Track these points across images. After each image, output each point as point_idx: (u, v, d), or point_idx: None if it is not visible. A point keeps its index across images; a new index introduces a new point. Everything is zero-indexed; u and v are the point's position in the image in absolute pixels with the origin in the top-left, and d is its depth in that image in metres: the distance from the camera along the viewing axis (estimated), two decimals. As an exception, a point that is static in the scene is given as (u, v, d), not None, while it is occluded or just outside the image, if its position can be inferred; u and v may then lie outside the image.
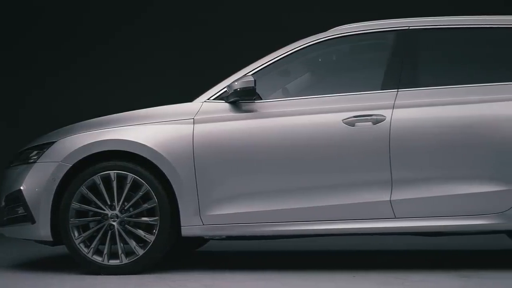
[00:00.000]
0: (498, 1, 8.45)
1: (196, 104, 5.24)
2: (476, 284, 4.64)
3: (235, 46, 8.83)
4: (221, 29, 9.01)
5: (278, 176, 5.03)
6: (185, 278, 5.01)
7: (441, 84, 5.11)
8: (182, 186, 5.07)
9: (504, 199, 4.89)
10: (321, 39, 5.31)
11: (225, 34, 8.98)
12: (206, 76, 6.27)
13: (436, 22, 5.29)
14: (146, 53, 9.07)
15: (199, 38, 9.02)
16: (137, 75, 9.02)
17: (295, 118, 5.09)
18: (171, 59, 9.04)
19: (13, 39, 9.19)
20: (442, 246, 6.27)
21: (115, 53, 9.08)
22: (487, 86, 5.05)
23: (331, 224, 5.01)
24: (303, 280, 4.85)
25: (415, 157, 4.95)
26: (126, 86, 8.99)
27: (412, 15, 5.64)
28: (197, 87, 5.59)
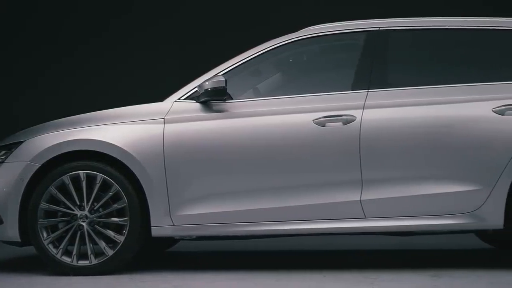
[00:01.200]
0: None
1: (167, 104, 5.22)
2: (445, 283, 4.67)
3: (212, 45, 8.81)
4: (197, 28, 8.99)
5: (249, 176, 5.03)
6: (156, 279, 4.99)
7: (411, 84, 5.14)
8: (152, 186, 5.04)
9: (473, 199, 4.93)
10: (293, 39, 5.32)
11: (201, 33, 8.96)
12: (180, 76, 6.25)
13: (406, 23, 5.32)
14: (127, 53, 9.02)
15: (176, 37, 8.99)
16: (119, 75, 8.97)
17: (265, 118, 5.09)
18: (150, 59, 9.00)
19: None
20: (412, 246, 6.31)
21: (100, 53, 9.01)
22: (456, 87, 5.10)
23: (302, 224, 5.02)
24: (274, 280, 4.86)
25: (385, 157, 4.98)
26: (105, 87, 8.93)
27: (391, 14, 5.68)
28: (172, 86, 5.57)
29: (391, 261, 5.76)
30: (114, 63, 8.96)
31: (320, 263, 5.62)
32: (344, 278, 4.88)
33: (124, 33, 9.04)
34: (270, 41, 5.34)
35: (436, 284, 4.65)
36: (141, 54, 8.98)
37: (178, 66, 8.79)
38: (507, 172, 4.91)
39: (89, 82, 8.98)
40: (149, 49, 8.97)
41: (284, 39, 5.32)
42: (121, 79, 8.94)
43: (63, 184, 5.11)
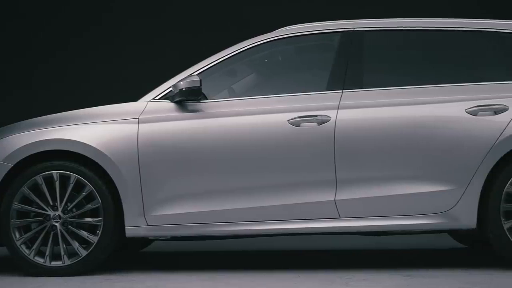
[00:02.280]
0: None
1: (141, 103, 5.20)
2: (419, 282, 4.70)
3: (188, 45, 8.79)
4: (172, 29, 8.96)
5: (224, 176, 5.02)
6: (130, 279, 4.96)
7: (386, 85, 5.17)
8: (126, 186, 5.02)
9: (446, 199, 4.97)
10: (268, 39, 5.32)
11: (176, 33, 8.94)
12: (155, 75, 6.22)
13: (381, 24, 5.35)
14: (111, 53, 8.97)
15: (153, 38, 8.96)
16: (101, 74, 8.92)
17: (240, 118, 5.09)
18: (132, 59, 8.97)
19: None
20: (386, 246, 6.34)
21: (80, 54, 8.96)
22: (430, 87, 5.13)
23: (276, 224, 5.03)
24: (249, 281, 4.85)
25: (360, 157, 5.00)
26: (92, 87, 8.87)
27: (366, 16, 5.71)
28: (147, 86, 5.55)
29: (365, 260, 5.79)
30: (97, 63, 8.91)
31: (294, 263, 5.62)
32: (319, 278, 4.89)
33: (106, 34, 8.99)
34: (245, 41, 5.34)
35: (409, 283, 4.67)
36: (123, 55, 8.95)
37: (155, 67, 8.76)
38: (480, 172, 4.96)
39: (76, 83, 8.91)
40: (129, 49, 8.94)
41: (259, 39, 5.32)
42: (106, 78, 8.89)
43: (36, 184, 5.07)
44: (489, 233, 5.01)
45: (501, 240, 4.97)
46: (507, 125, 4.97)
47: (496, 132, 4.97)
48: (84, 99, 7.61)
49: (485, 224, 5.00)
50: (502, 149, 4.96)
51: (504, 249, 4.98)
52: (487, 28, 5.24)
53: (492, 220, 4.96)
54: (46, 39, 8.97)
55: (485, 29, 5.25)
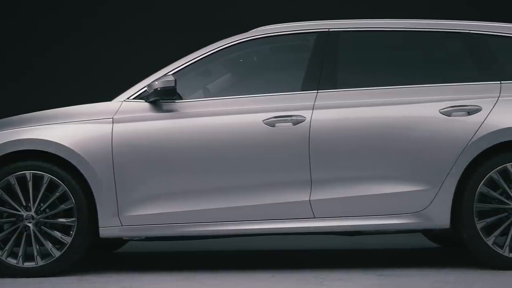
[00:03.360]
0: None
1: (115, 103, 5.18)
2: (393, 282, 4.72)
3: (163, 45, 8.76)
4: (147, 29, 8.92)
5: (198, 176, 5.01)
6: (103, 280, 4.94)
7: (360, 85, 5.19)
8: (100, 186, 4.99)
9: (420, 199, 5.00)
10: (243, 39, 5.32)
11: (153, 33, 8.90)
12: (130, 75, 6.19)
13: (356, 24, 5.36)
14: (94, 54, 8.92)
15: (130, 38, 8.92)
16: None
17: (215, 118, 5.08)
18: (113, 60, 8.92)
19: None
20: (360, 245, 6.37)
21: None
22: (405, 88, 5.16)
23: (251, 224, 5.03)
24: (224, 281, 4.85)
25: (334, 157, 5.01)
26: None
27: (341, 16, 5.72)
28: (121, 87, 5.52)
29: (340, 260, 5.81)
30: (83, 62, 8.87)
31: (269, 263, 5.63)
32: (294, 277, 4.90)
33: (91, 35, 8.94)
34: (220, 41, 5.33)
35: (383, 283, 4.69)
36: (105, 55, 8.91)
37: (130, 67, 8.71)
38: (453, 172, 4.99)
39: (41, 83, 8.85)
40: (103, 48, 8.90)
41: (234, 39, 5.32)
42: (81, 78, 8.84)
43: (8, 185, 5.03)
44: (463, 233, 5.04)
45: (474, 239, 5.00)
46: (480, 125, 5.01)
47: (470, 133, 5.01)
48: (48, 99, 7.55)
49: (459, 224, 5.03)
50: (475, 149, 5.00)
51: (477, 249, 5.02)
52: (460, 29, 5.28)
53: (466, 220, 4.99)
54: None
55: (458, 30, 5.28)
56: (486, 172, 4.99)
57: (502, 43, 5.26)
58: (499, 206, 5.00)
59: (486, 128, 5.00)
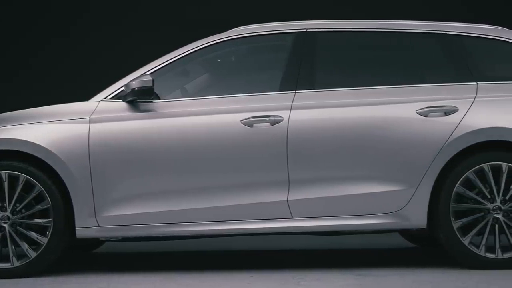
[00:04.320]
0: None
1: (93, 103, 5.15)
2: (370, 282, 4.74)
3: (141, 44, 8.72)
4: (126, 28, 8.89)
5: (176, 176, 5.00)
6: (80, 281, 4.91)
7: (338, 86, 5.20)
8: (77, 186, 4.96)
9: (397, 199, 5.02)
10: (221, 39, 5.31)
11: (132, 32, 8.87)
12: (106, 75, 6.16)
13: (334, 25, 5.37)
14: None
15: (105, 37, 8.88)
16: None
17: (193, 118, 5.07)
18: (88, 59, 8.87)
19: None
20: (338, 245, 6.38)
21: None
22: (382, 88, 5.17)
23: (229, 225, 5.02)
24: (201, 281, 4.84)
25: (312, 158, 5.02)
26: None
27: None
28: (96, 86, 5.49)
29: (318, 260, 5.82)
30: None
31: (247, 263, 5.62)
32: (271, 278, 4.90)
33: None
34: (198, 41, 5.32)
35: (361, 283, 4.71)
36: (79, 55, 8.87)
37: (110, 67, 8.67)
38: (430, 172, 5.02)
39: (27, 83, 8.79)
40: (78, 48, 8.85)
41: (212, 39, 5.31)
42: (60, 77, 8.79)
43: (-16, 185, 4.99)
44: (439, 233, 5.07)
45: (451, 239, 5.03)
46: (456, 126, 5.04)
47: (446, 133, 5.04)
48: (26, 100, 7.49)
49: (435, 223, 5.06)
50: (452, 150, 5.03)
51: (453, 248, 5.05)
52: (437, 30, 5.31)
53: (442, 220, 5.02)
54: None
55: (435, 31, 5.31)
56: (462, 172, 5.02)
57: (479, 44, 5.30)
58: (475, 206, 5.04)
59: (463, 128, 5.03)
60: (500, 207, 5.01)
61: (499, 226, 5.01)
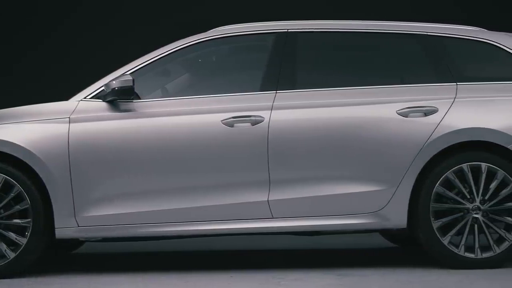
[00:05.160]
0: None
1: (72, 103, 5.12)
2: (351, 281, 4.75)
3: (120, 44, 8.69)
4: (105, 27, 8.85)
5: (156, 176, 4.98)
6: (60, 281, 4.89)
7: (319, 86, 5.21)
8: (56, 187, 4.94)
9: (377, 199, 5.03)
10: (201, 39, 5.31)
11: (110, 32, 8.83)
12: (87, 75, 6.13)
13: (314, 25, 5.39)
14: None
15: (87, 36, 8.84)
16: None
17: (174, 118, 5.06)
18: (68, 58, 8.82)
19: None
20: (318, 245, 6.39)
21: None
22: (363, 89, 5.19)
23: (210, 225, 5.01)
24: (182, 281, 4.83)
25: (293, 158, 5.02)
26: None
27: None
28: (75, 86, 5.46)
29: (298, 260, 5.82)
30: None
31: (227, 264, 5.62)
32: (252, 278, 4.90)
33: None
34: (178, 41, 5.31)
35: (341, 283, 4.72)
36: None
37: (90, 66, 8.63)
38: (410, 172, 5.03)
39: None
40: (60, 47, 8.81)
41: (193, 39, 5.30)
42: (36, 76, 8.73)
43: (-38, 185, 4.95)
44: (419, 233, 5.09)
45: (431, 239, 5.05)
46: (436, 126, 5.07)
47: (426, 133, 5.06)
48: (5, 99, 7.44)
49: (415, 223, 5.08)
50: (432, 150, 5.05)
51: (433, 248, 5.07)
52: (417, 31, 5.33)
53: (422, 219, 5.04)
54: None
55: (415, 31, 5.33)
56: (442, 173, 5.04)
57: (458, 44, 5.32)
58: (454, 206, 5.06)
59: (442, 129, 5.05)
60: (480, 207, 5.04)
61: (478, 226, 5.04)
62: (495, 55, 5.29)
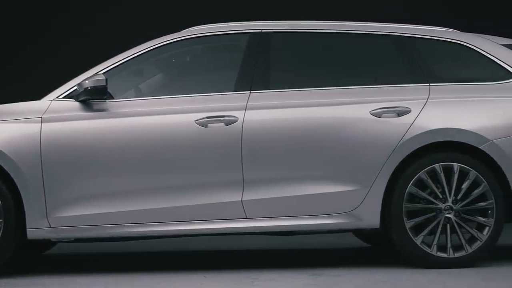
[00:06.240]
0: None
1: (45, 102, 5.08)
2: (324, 281, 4.76)
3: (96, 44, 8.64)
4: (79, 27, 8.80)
5: (129, 177, 4.96)
6: (31, 283, 4.85)
7: (293, 86, 5.21)
8: (28, 187, 4.89)
9: (351, 199, 5.05)
10: (175, 39, 5.29)
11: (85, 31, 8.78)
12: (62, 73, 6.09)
13: (288, 25, 5.39)
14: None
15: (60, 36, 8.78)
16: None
17: (147, 118, 5.04)
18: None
19: None
20: (292, 245, 6.40)
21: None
22: (337, 89, 5.21)
23: (183, 225, 5.00)
24: (155, 282, 4.81)
25: (266, 158, 5.02)
26: None
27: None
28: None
29: (272, 260, 5.83)
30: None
31: (201, 264, 5.61)
32: (226, 278, 4.89)
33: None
34: (152, 40, 5.29)
35: (315, 282, 4.73)
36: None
37: (62, 66, 8.58)
38: (383, 173, 5.06)
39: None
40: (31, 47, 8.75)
41: (166, 39, 5.29)
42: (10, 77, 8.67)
43: None
44: (392, 233, 5.12)
45: (403, 239, 5.08)
46: (409, 127, 5.10)
47: (399, 134, 5.09)
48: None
49: (388, 223, 5.11)
50: (404, 150, 5.08)
51: (406, 248, 5.10)
52: (390, 32, 5.36)
53: (395, 219, 5.07)
54: None
55: (388, 32, 5.36)
56: (415, 173, 5.07)
57: (431, 45, 5.36)
58: (427, 206, 5.10)
59: (415, 129, 5.08)
60: (452, 207, 5.08)
61: (451, 226, 5.08)
62: (467, 56, 5.34)
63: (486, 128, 5.08)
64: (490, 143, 5.07)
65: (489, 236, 5.07)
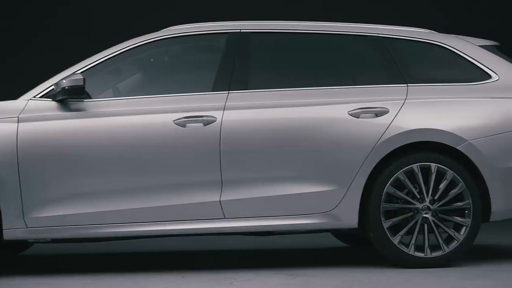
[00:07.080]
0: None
1: (21, 102, 5.04)
2: (302, 281, 4.77)
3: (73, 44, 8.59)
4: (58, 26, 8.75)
5: (107, 177, 4.93)
6: (8, 284, 4.80)
7: (271, 87, 5.22)
8: (4, 187, 4.85)
9: (329, 199, 5.06)
10: (153, 39, 5.27)
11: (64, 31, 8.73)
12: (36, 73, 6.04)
13: (267, 26, 5.40)
14: None
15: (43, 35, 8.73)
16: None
17: (125, 118, 5.02)
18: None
19: None
20: (270, 245, 6.41)
21: None
22: (315, 90, 5.22)
23: (161, 225, 4.98)
24: (133, 282, 4.79)
25: (245, 158, 5.02)
26: None
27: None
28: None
29: (250, 260, 5.83)
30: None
31: (179, 264, 5.59)
32: (203, 278, 4.89)
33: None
34: (130, 40, 5.27)
35: (293, 282, 4.73)
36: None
37: (39, 66, 8.52)
38: (361, 173, 5.08)
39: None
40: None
41: (144, 39, 5.27)
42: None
43: None
44: (370, 232, 5.14)
45: (381, 239, 5.10)
46: (387, 127, 5.12)
47: (377, 134, 5.11)
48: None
49: (366, 223, 5.12)
50: (383, 151, 5.10)
51: (384, 248, 5.12)
52: (369, 33, 5.38)
53: (373, 219, 5.09)
54: None
55: (367, 33, 5.38)
56: (392, 173, 5.10)
57: (409, 46, 5.39)
58: (405, 206, 5.12)
59: (393, 129, 5.11)
60: (429, 207, 5.11)
61: (428, 226, 5.10)
62: (444, 57, 5.37)
63: (463, 128, 5.12)
64: (467, 144, 5.10)
65: (466, 236, 5.11)
